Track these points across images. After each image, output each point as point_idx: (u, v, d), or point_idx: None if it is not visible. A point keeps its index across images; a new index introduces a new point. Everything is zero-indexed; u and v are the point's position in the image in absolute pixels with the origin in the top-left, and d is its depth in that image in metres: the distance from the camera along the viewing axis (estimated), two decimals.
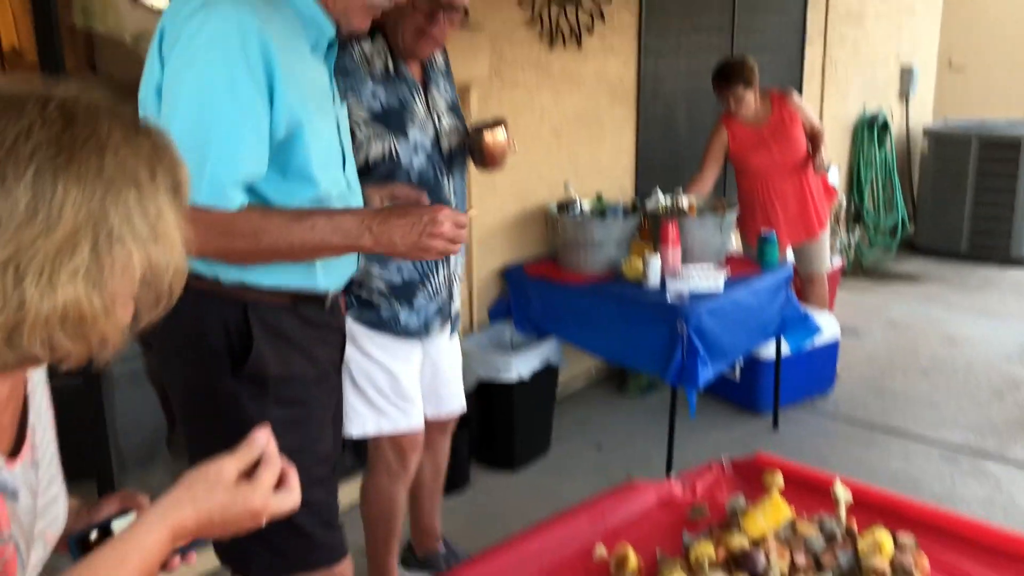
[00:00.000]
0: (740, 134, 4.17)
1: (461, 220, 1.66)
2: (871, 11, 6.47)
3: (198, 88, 1.46)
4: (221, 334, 1.63)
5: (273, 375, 1.67)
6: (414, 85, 2.25)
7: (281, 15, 1.57)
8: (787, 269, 3.78)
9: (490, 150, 2.28)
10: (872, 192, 6.70)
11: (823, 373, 4.34)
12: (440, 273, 2.35)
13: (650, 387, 4.37)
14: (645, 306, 3.34)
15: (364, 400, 2.36)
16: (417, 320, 2.35)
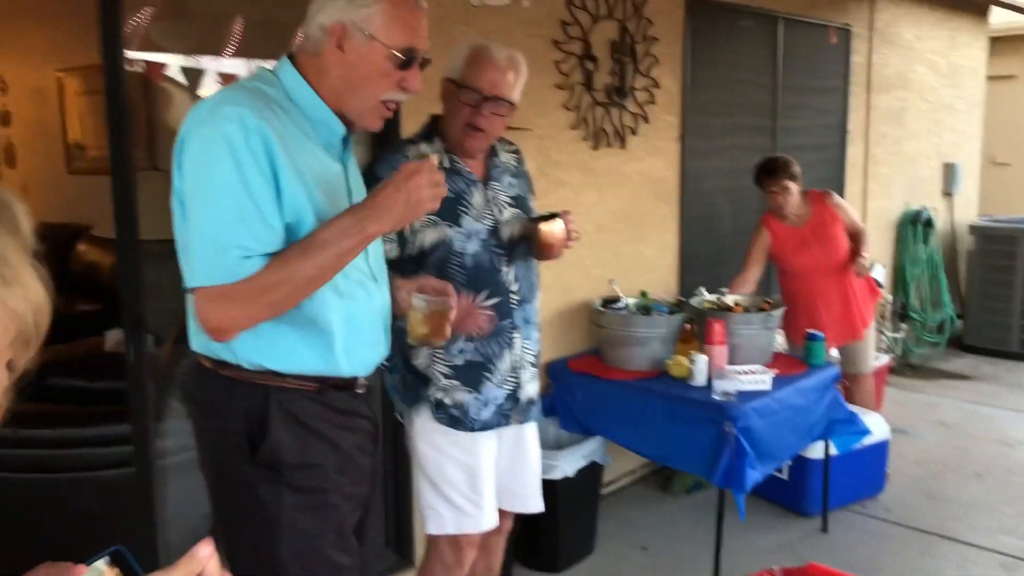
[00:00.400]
0: (782, 234, 4.19)
1: (432, 168, 1.66)
2: (912, 109, 6.54)
3: (212, 184, 1.55)
4: (242, 420, 1.68)
5: (288, 462, 1.69)
6: (471, 179, 2.36)
7: (286, 115, 1.66)
8: (834, 368, 3.75)
9: (546, 240, 2.35)
10: (918, 289, 6.65)
11: (873, 474, 4.25)
12: (505, 359, 2.38)
13: (696, 486, 4.31)
14: (691, 405, 3.32)
15: (442, 499, 2.39)
16: (488, 411, 2.38)
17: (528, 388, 2.47)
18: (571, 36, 3.80)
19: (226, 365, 1.68)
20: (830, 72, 5.58)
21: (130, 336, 2.67)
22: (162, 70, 4.64)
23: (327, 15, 1.68)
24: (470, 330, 2.30)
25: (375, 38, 1.67)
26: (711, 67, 4.59)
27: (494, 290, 2.36)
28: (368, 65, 1.68)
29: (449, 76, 2.35)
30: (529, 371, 2.47)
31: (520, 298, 2.41)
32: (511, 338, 2.39)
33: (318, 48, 1.70)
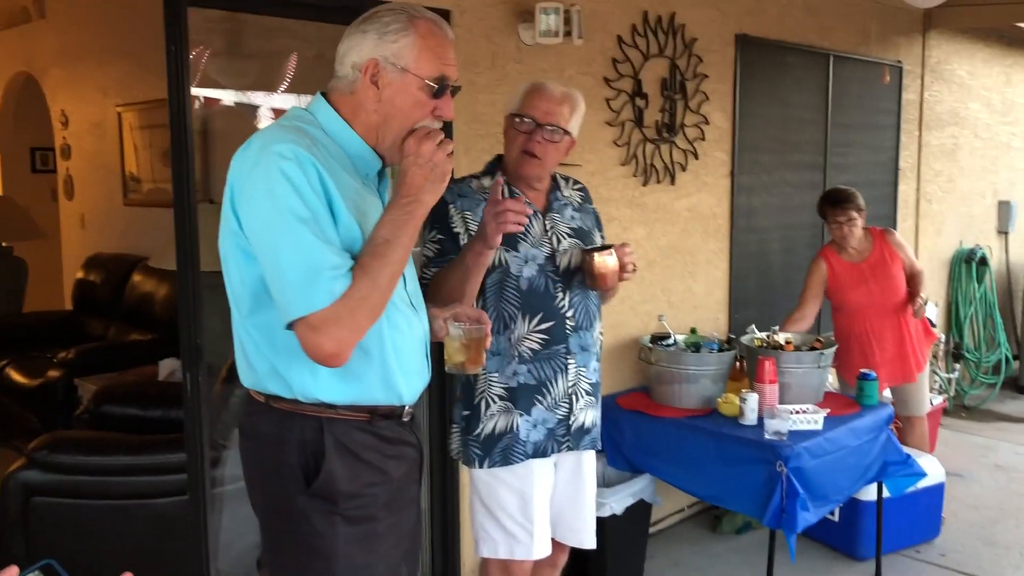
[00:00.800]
0: (840, 269, 4.14)
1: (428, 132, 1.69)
2: (966, 146, 6.45)
3: (284, 217, 1.56)
4: (297, 452, 1.70)
5: (343, 492, 1.70)
6: (531, 209, 2.39)
7: (329, 152, 1.69)
8: (887, 409, 3.68)
9: (598, 272, 2.37)
10: (972, 329, 6.52)
11: (928, 518, 4.14)
12: (559, 383, 2.41)
13: (746, 526, 4.24)
14: (742, 444, 3.27)
15: (494, 522, 2.41)
16: (538, 433, 2.40)
17: (581, 416, 2.48)
18: (622, 74, 3.83)
19: (279, 399, 1.71)
20: (881, 109, 5.54)
21: (187, 366, 2.71)
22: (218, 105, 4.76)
23: (358, 53, 1.71)
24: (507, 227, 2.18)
25: (408, 70, 1.70)
26: (761, 103, 4.58)
27: (548, 314, 2.40)
28: (403, 97, 1.72)
29: (508, 111, 2.45)
30: (584, 399, 2.47)
31: (575, 324, 2.44)
32: (565, 363, 2.42)
33: (352, 86, 1.73)
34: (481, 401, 2.41)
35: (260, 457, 1.75)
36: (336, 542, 1.71)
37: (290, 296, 1.57)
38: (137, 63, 5.51)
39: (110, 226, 6.27)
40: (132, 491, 3.20)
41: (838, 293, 4.18)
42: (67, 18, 6.14)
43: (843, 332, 4.21)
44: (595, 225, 2.62)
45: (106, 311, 5.77)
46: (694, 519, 4.40)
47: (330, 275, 1.56)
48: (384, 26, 1.70)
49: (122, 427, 3.56)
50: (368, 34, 1.70)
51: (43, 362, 5.21)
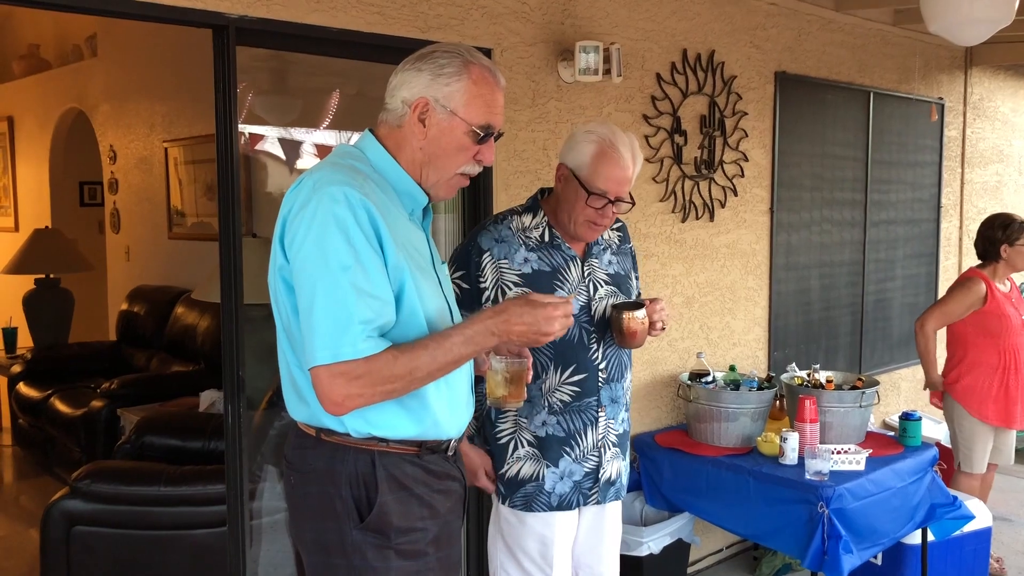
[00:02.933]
0: (998, 294, 4.06)
1: (568, 310, 1.73)
2: (1010, 183, 6.37)
3: (327, 262, 1.59)
4: (350, 486, 1.70)
5: (396, 526, 1.71)
6: (570, 255, 2.39)
7: (380, 188, 1.71)
8: (931, 450, 3.61)
9: (628, 330, 2.34)
10: None
11: (974, 564, 4.03)
12: (588, 436, 2.38)
13: (785, 567, 4.16)
14: (782, 484, 3.23)
15: (514, 563, 2.39)
16: (564, 485, 2.37)
17: (609, 468, 2.44)
18: (661, 111, 3.85)
19: (332, 432, 1.72)
20: (923, 146, 5.50)
21: (229, 398, 2.74)
22: (261, 141, 4.85)
23: (410, 90, 1.74)
24: None
25: (456, 114, 1.73)
26: (801, 140, 4.57)
27: (580, 366, 2.36)
28: (448, 139, 1.75)
29: (570, 167, 2.34)
30: (611, 450, 2.44)
31: (607, 377, 2.40)
32: (596, 416, 2.38)
33: (400, 121, 1.76)
34: (510, 442, 2.38)
35: (310, 491, 1.74)
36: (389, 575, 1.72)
37: (318, 342, 1.58)
38: (183, 100, 5.64)
39: (154, 259, 6.38)
40: (172, 522, 3.23)
41: (998, 319, 4.02)
42: (118, 56, 6.30)
43: (987, 364, 4.05)
44: (632, 267, 2.58)
45: (149, 342, 5.86)
46: (732, 560, 4.33)
47: (359, 329, 1.58)
48: (439, 67, 1.73)
49: (163, 458, 3.59)
50: (423, 72, 1.73)
51: (87, 392, 5.29)
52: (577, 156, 2.32)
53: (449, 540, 1.84)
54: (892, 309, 5.36)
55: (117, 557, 3.26)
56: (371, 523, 1.70)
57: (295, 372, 1.75)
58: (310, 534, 1.76)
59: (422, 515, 1.76)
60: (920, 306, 5.61)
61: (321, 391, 1.61)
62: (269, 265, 1.75)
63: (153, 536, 3.27)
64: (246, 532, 2.79)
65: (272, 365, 2.84)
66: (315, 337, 1.59)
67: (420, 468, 1.76)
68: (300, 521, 1.79)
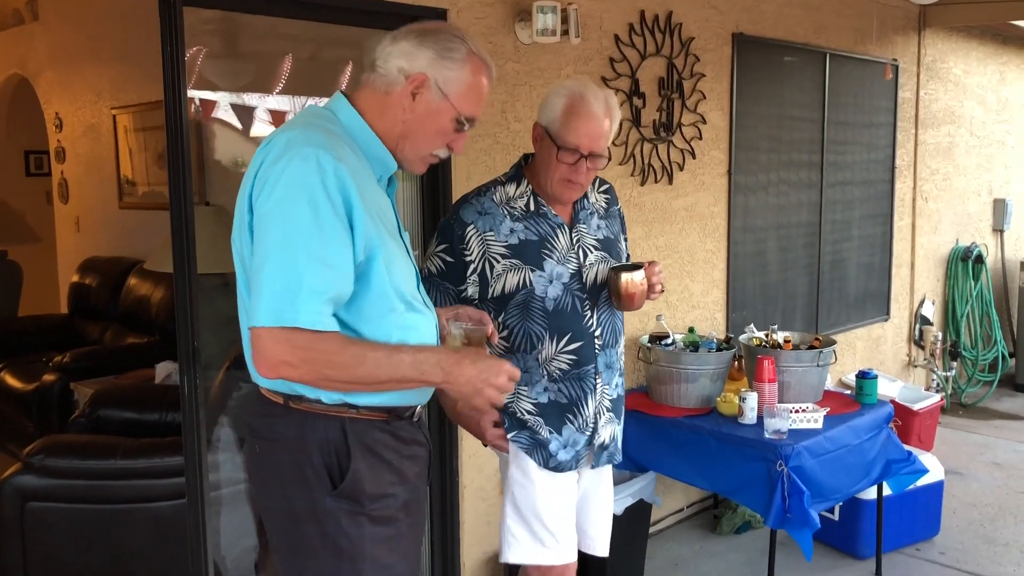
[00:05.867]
0: None
1: (516, 375, 1.75)
2: (961, 144, 6.46)
3: (286, 224, 1.56)
4: (322, 453, 1.68)
5: (369, 492, 1.70)
6: (556, 222, 2.34)
7: (352, 152, 1.69)
8: (887, 407, 3.68)
9: (625, 291, 2.30)
10: (969, 327, 6.53)
11: (927, 517, 4.14)
12: (589, 405, 2.36)
13: (745, 526, 4.23)
14: (742, 443, 3.27)
15: (527, 529, 2.37)
16: (567, 453, 2.36)
17: (603, 432, 2.43)
18: (619, 73, 3.82)
19: (302, 399, 1.69)
20: (877, 107, 5.54)
21: (185, 369, 2.69)
22: (214, 108, 4.74)
23: (411, 62, 1.71)
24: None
25: (448, 99, 1.73)
26: (758, 102, 4.58)
27: (576, 334, 2.33)
28: (432, 121, 1.75)
29: (544, 125, 2.29)
30: (606, 415, 2.42)
31: (603, 343, 2.37)
32: (594, 383, 2.36)
33: (390, 88, 1.73)
34: (511, 416, 2.36)
35: (280, 459, 1.72)
36: (363, 542, 1.71)
37: (262, 303, 1.55)
38: (131, 65, 5.49)
39: (105, 229, 6.25)
40: (130, 495, 3.18)
41: None
42: (60, 20, 6.11)
43: None
44: (621, 229, 2.53)
45: (102, 314, 5.74)
46: (693, 519, 4.39)
47: (307, 296, 1.55)
48: (446, 49, 1.72)
49: (119, 431, 3.53)
50: (427, 48, 1.71)
51: (39, 366, 5.18)
52: (548, 112, 2.28)
53: (418, 506, 1.85)
54: (848, 270, 5.43)
55: (75, 532, 3.21)
56: (344, 490, 1.69)
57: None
58: (279, 503, 1.74)
59: (392, 480, 1.75)
60: (875, 267, 5.70)
61: (259, 351, 1.58)
62: (234, 222, 1.71)
63: (111, 510, 3.22)
64: (206, 503, 2.75)
65: (228, 335, 2.80)
66: (261, 297, 1.56)
67: (389, 434, 1.76)
68: (268, 490, 1.76)
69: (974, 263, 6.44)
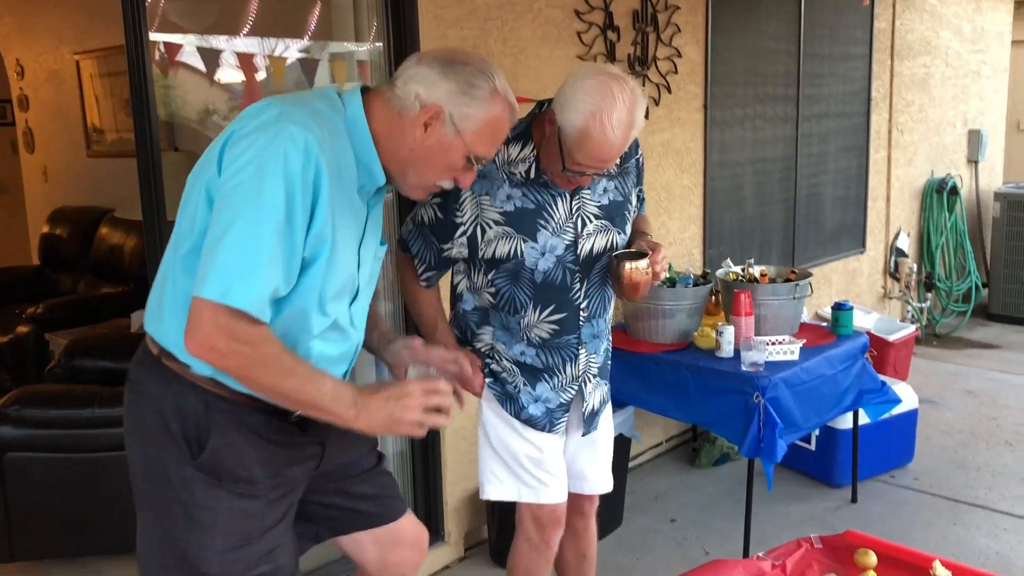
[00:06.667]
0: None
1: (430, 386, 1.67)
2: (937, 75, 6.44)
3: (260, 202, 1.49)
4: (181, 421, 1.63)
5: (228, 470, 1.65)
6: (557, 191, 2.19)
7: (341, 149, 1.62)
8: (862, 338, 3.71)
9: (629, 281, 2.19)
10: (943, 258, 6.58)
11: (902, 444, 4.22)
12: (567, 371, 2.31)
13: (723, 458, 4.30)
14: (719, 377, 3.29)
15: (503, 465, 2.35)
16: (538, 410, 2.32)
17: (591, 399, 2.39)
18: (593, 6, 3.75)
19: (172, 358, 1.63)
20: (853, 39, 5.50)
21: None
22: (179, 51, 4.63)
23: (429, 91, 1.64)
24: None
25: (462, 136, 1.67)
26: (734, 35, 4.52)
27: (560, 306, 2.25)
28: (441, 155, 1.69)
29: (558, 124, 2.07)
30: (592, 382, 2.38)
31: (589, 315, 2.30)
32: (576, 353, 2.31)
33: (403, 111, 1.66)
34: (490, 361, 2.33)
35: (142, 414, 1.67)
36: (218, 516, 1.65)
37: (213, 274, 1.48)
38: (93, 8, 5.34)
39: (74, 178, 6.14)
40: (109, 443, 3.17)
41: None
42: None
43: None
44: (636, 183, 2.37)
45: (74, 265, 5.68)
46: (672, 453, 4.45)
47: (260, 282, 1.49)
48: (468, 84, 1.65)
49: (95, 381, 3.51)
50: (449, 80, 1.65)
51: (11, 318, 5.13)
52: (565, 120, 2.04)
53: (286, 486, 1.77)
54: (824, 203, 5.44)
55: (55, 482, 3.20)
56: (202, 464, 1.63)
57: (169, 279, 1.64)
58: (139, 457, 1.69)
59: (258, 462, 1.69)
60: (851, 200, 5.71)
61: (195, 327, 1.50)
62: (193, 170, 1.64)
63: (92, 459, 3.21)
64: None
65: None
66: (213, 268, 1.48)
67: (259, 418, 1.69)
68: (130, 441, 1.71)
69: (949, 195, 6.47)
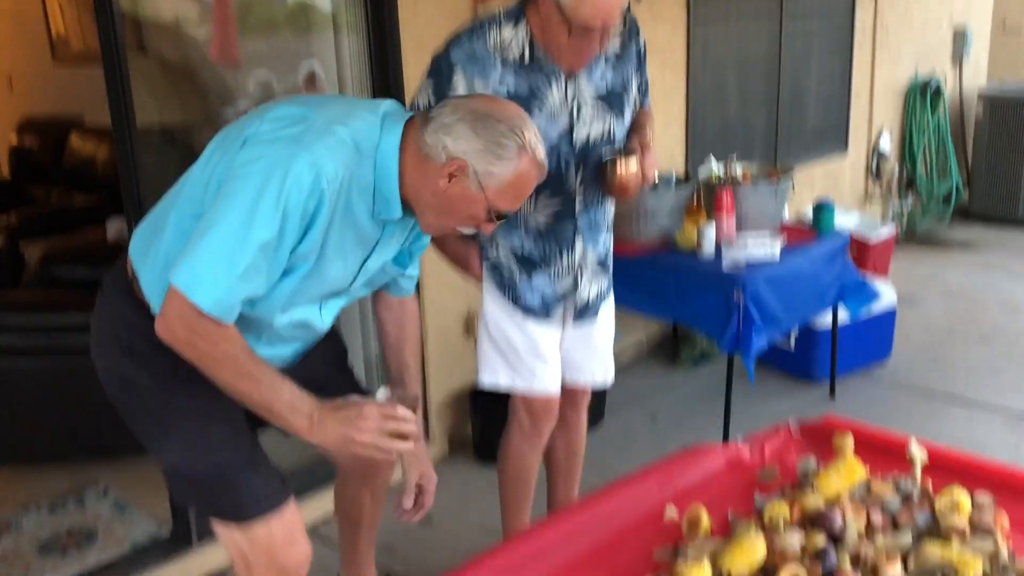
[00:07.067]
0: None
1: (388, 412, 1.70)
2: None
3: (250, 212, 1.52)
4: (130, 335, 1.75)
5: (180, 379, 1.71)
6: (553, 73, 2.13)
7: (359, 180, 1.63)
8: (843, 236, 3.72)
9: (620, 182, 2.17)
10: (925, 159, 6.56)
11: (880, 341, 4.27)
12: (563, 258, 2.30)
13: (703, 357, 4.34)
14: (700, 276, 3.30)
15: (498, 353, 2.37)
16: (535, 300, 2.31)
17: (586, 291, 2.38)
18: None
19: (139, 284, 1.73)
20: None
21: (132, 221, 2.62)
22: None
23: (456, 144, 1.62)
24: None
25: (484, 192, 1.65)
26: None
27: (556, 192, 2.21)
28: (463, 207, 1.68)
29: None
30: (589, 273, 2.37)
31: (586, 202, 2.27)
32: (572, 242, 2.29)
33: (429, 156, 1.64)
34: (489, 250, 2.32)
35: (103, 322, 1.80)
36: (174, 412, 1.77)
37: (185, 263, 1.53)
38: None
39: (41, 87, 5.98)
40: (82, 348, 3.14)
41: None
42: None
43: None
44: (636, 68, 2.29)
45: (46, 176, 5.58)
46: (652, 352, 4.49)
47: (230, 288, 1.53)
48: (495, 144, 1.63)
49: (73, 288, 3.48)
50: (478, 137, 1.62)
51: None
52: None
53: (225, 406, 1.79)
54: (807, 103, 5.38)
55: (40, 388, 3.19)
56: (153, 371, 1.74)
57: (170, 223, 1.68)
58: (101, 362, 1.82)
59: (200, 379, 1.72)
60: (834, 99, 5.65)
61: (167, 310, 1.57)
62: (218, 140, 1.69)
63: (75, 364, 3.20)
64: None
65: None
66: (190, 257, 1.53)
67: None
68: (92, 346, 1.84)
69: (932, 95, 6.41)
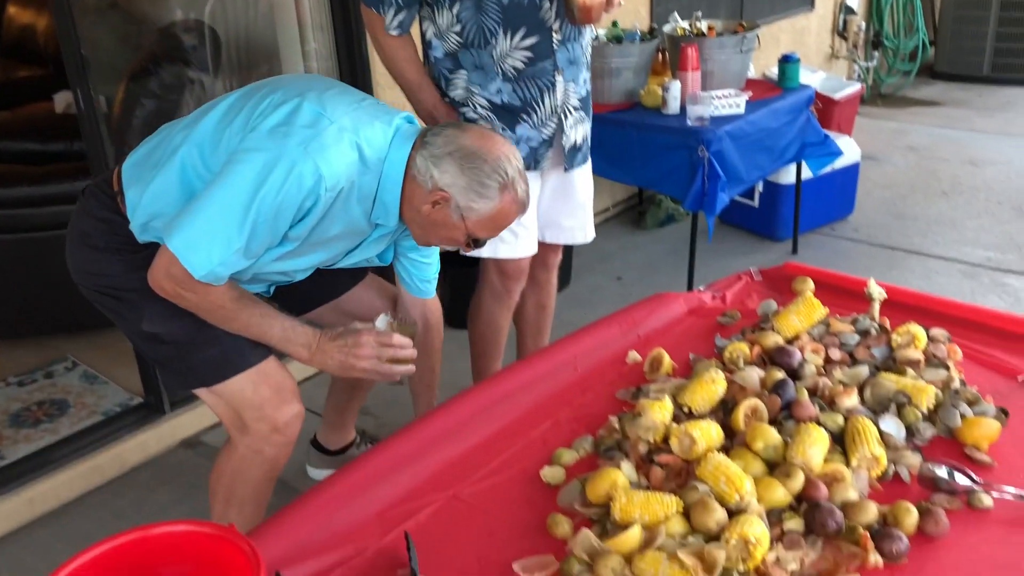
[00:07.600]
0: None
1: (385, 340, 1.78)
2: None
3: (251, 193, 1.56)
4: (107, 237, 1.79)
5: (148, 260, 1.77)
6: None
7: (361, 187, 1.68)
8: (808, 91, 3.68)
9: (582, 4, 2.10)
10: (892, 16, 6.46)
11: (842, 197, 4.30)
12: (546, 103, 2.24)
13: (668, 219, 4.36)
14: (665, 133, 3.27)
15: None
16: (523, 152, 2.26)
17: (572, 133, 2.33)
18: None
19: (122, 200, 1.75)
20: None
21: (75, 82, 2.53)
22: None
23: (442, 176, 1.68)
24: None
25: (465, 221, 1.71)
26: None
27: (532, 28, 2.15)
28: (444, 231, 1.75)
29: None
30: (574, 115, 2.32)
31: (563, 37, 2.20)
32: (552, 80, 2.23)
33: (416, 180, 1.70)
34: (463, 105, 2.25)
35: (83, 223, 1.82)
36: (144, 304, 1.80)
37: (183, 229, 1.59)
38: None
39: None
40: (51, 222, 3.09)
41: None
42: None
43: None
44: None
45: None
46: (619, 217, 4.50)
47: (223, 260, 1.59)
48: (479, 183, 1.67)
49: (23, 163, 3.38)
50: (464, 175, 1.67)
51: None
52: None
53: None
54: None
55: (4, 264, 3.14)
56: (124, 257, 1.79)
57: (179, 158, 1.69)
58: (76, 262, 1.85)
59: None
60: None
61: (157, 267, 1.64)
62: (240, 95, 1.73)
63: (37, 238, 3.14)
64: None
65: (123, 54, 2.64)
66: (187, 223, 1.59)
67: None
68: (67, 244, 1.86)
69: None
